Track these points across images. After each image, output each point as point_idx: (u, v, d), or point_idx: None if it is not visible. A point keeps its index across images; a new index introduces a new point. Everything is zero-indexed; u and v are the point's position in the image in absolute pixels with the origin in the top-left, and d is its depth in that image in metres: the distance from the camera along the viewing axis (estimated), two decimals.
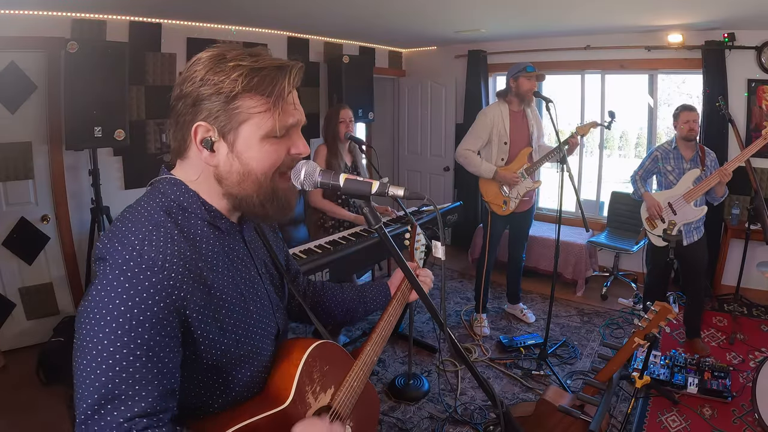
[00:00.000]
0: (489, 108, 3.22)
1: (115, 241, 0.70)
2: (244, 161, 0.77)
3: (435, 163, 5.31)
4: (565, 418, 1.80)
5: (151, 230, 0.71)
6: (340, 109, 2.92)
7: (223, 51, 0.76)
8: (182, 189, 0.79)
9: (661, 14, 3.33)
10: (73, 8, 2.92)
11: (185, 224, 0.77)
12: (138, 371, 0.64)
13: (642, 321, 1.72)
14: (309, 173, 0.83)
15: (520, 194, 3.18)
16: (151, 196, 0.78)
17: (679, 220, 2.86)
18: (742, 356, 2.97)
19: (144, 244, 0.69)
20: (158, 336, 0.66)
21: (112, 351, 0.63)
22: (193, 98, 0.74)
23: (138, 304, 0.65)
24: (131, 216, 0.74)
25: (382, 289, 1.20)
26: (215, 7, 3.13)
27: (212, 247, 0.79)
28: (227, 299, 0.78)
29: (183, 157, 0.80)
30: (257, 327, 0.84)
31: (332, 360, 0.93)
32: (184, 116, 0.76)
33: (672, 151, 2.93)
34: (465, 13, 3.49)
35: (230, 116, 0.74)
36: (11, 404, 2.53)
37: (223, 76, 0.73)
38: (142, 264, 0.67)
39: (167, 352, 0.67)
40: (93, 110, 2.73)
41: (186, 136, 0.77)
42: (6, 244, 2.93)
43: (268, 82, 0.74)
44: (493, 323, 3.54)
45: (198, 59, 0.76)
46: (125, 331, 0.64)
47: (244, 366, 0.81)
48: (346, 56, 4.25)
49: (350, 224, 2.94)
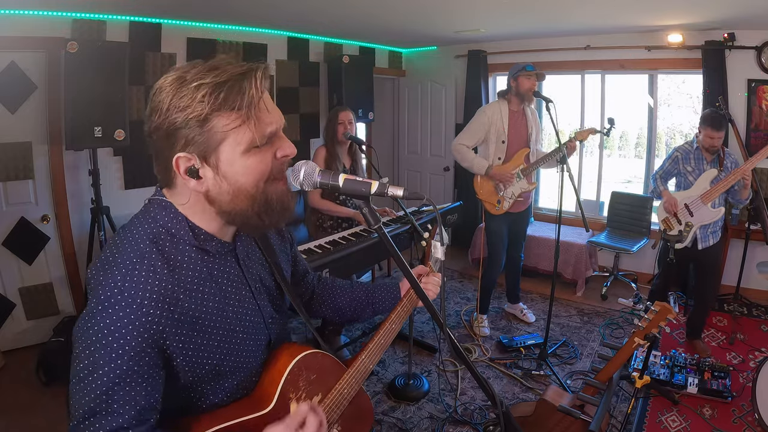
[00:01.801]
0: (488, 106, 3.21)
1: (101, 275, 0.73)
2: (232, 180, 0.76)
3: (435, 163, 5.30)
4: (565, 418, 1.80)
5: (135, 262, 0.73)
6: (340, 111, 2.94)
7: (182, 73, 0.73)
8: (171, 214, 0.79)
9: (661, 14, 3.33)
10: (73, 8, 2.92)
11: (171, 251, 0.78)
12: (119, 392, 0.69)
13: (642, 321, 1.72)
14: (308, 173, 0.83)
15: (515, 195, 3.17)
16: (142, 220, 0.79)
17: (696, 222, 2.79)
18: (742, 356, 2.97)
19: (126, 280, 0.72)
20: (137, 366, 0.70)
21: (96, 376, 0.69)
22: (165, 130, 0.73)
23: (117, 338, 0.69)
24: (120, 243, 0.77)
25: (392, 290, 1.18)
26: (215, 7, 3.13)
27: (198, 273, 0.80)
28: (209, 323, 0.80)
29: (171, 186, 0.80)
30: (243, 344, 0.85)
31: (321, 369, 0.93)
32: (162, 150, 0.75)
33: (693, 152, 2.85)
34: (465, 13, 3.49)
35: (207, 139, 0.73)
36: (11, 404, 2.53)
37: (189, 100, 0.71)
38: (122, 302, 0.70)
39: (146, 378, 0.72)
40: (93, 110, 2.73)
41: (168, 168, 0.76)
42: (6, 244, 2.93)
43: (234, 94, 0.72)
44: (493, 323, 3.54)
45: (160, 88, 0.74)
46: (107, 361, 0.69)
47: (229, 378, 0.84)
48: (346, 56, 4.25)
49: (349, 225, 2.94)
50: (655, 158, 4.34)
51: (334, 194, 2.89)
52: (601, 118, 4.39)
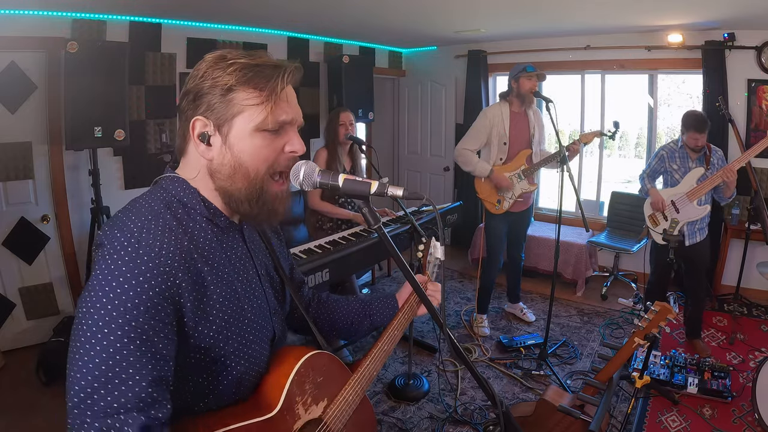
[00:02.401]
0: (489, 108, 3.22)
1: (114, 229, 0.71)
2: (236, 153, 0.78)
3: (435, 163, 5.30)
4: (565, 418, 1.80)
5: (150, 219, 0.73)
6: (340, 112, 2.95)
7: (226, 52, 0.80)
8: (183, 186, 0.81)
9: (661, 14, 3.33)
10: (73, 8, 2.92)
11: (184, 218, 0.78)
12: (131, 354, 0.64)
13: (642, 321, 1.71)
14: (308, 173, 0.82)
15: (515, 195, 3.18)
16: (153, 191, 0.80)
17: (682, 219, 2.84)
18: (742, 356, 2.97)
19: (142, 231, 0.71)
20: (152, 320, 0.66)
21: (107, 332, 0.64)
22: (194, 93, 0.78)
23: (134, 287, 0.66)
24: (132, 207, 0.77)
25: (389, 302, 1.16)
26: (215, 7, 3.13)
27: (210, 243, 0.80)
28: (220, 293, 0.78)
29: (184, 153, 0.83)
30: (250, 326, 0.83)
31: (327, 372, 0.90)
32: (186, 112, 0.79)
33: (678, 150, 2.90)
34: (465, 13, 3.49)
35: (225, 108, 0.77)
36: (11, 404, 2.53)
37: (221, 72, 0.77)
38: (140, 249, 0.68)
39: (161, 338, 0.68)
40: (93, 110, 2.73)
41: (186, 131, 0.80)
42: (6, 244, 2.93)
43: (262, 76, 0.77)
44: (493, 323, 3.54)
45: (203, 59, 0.81)
46: (120, 313, 0.64)
47: (231, 365, 0.79)
48: (346, 56, 4.25)
49: (348, 226, 2.94)
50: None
51: (334, 196, 2.90)
52: (601, 118, 4.40)
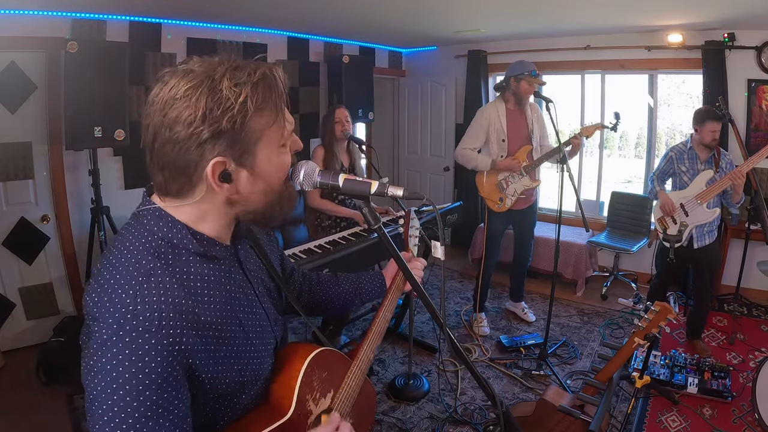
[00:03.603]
0: (486, 107, 3.23)
1: (105, 298, 0.65)
2: (267, 178, 0.75)
3: (435, 163, 5.30)
4: (565, 418, 1.80)
5: (141, 282, 0.66)
6: (335, 108, 2.94)
7: (209, 72, 0.67)
8: (169, 223, 0.73)
9: (661, 14, 3.33)
10: (73, 8, 2.92)
11: (177, 264, 0.72)
12: (152, 430, 0.62)
13: (642, 321, 1.72)
14: (308, 173, 0.82)
15: (518, 192, 3.17)
16: (136, 235, 0.72)
17: (691, 222, 2.82)
18: (742, 356, 2.97)
19: (137, 302, 0.64)
20: (166, 393, 0.64)
21: (124, 417, 0.61)
22: (198, 138, 0.66)
23: (141, 368, 0.62)
24: (118, 264, 0.69)
25: (377, 278, 1.20)
26: (215, 7, 3.13)
27: (207, 283, 0.75)
28: (227, 333, 0.76)
29: (183, 196, 0.73)
30: (258, 351, 0.83)
31: (331, 366, 0.93)
32: (185, 159, 0.68)
33: (687, 152, 2.88)
34: (465, 13, 3.49)
35: (245, 141, 0.70)
36: (11, 404, 2.52)
37: (231, 102, 0.66)
38: (138, 326, 0.63)
39: (176, 404, 0.65)
40: (93, 110, 2.73)
41: (193, 178, 0.70)
42: (6, 244, 2.93)
43: (268, 93, 0.70)
44: (493, 323, 3.54)
45: (174, 97, 0.66)
46: (133, 397, 0.61)
47: (246, 389, 0.80)
48: (346, 56, 4.25)
49: (347, 224, 2.94)
50: (655, 158, 4.33)
51: (333, 194, 2.90)
52: (601, 118, 4.39)
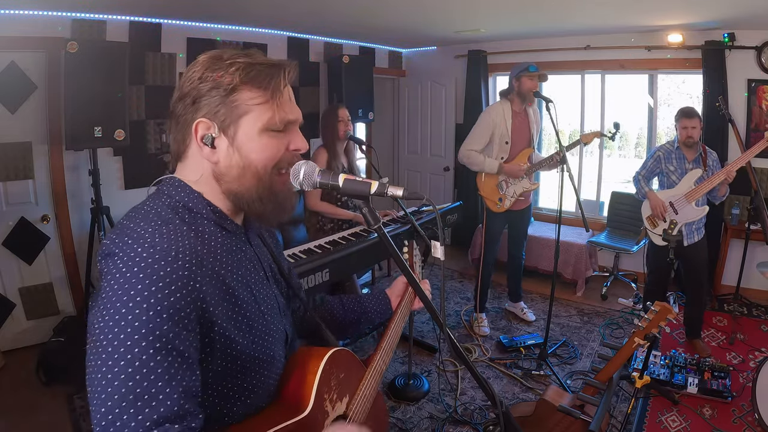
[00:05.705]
0: (492, 107, 3.22)
1: (125, 236, 0.67)
2: (244, 153, 0.77)
3: (435, 163, 5.30)
4: (565, 418, 1.80)
5: (160, 224, 0.70)
6: (338, 108, 2.91)
7: (220, 52, 0.78)
8: (186, 190, 0.78)
9: (661, 14, 3.33)
10: (73, 8, 2.92)
11: (194, 223, 0.76)
12: (159, 365, 0.60)
13: (642, 321, 1.72)
14: (308, 173, 0.82)
15: (517, 193, 3.19)
16: (156, 198, 0.77)
17: (681, 220, 2.85)
18: (742, 356, 2.97)
19: (155, 237, 0.67)
20: (177, 328, 0.62)
21: (130, 345, 0.59)
22: (193, 97, 0.75)
23: (154, 293, 0.61)
24: (138, 214, 0.73)
25: (382, 299, 1.20)
26: (215, 7, 3.13)
27: (222, 246, 0.78)
28: (241, 297, 0.76)
29: (183, 158, 0.80)
30: (270, 329, 0.82)
31: (347, 367, 0.92)
32: (184, 116, 0.77)
33: (674, 151, 2.92)
34: (465, 13, 3.49)
35: (230, 110, 0.75)
36: (11, 404, 2.52)
37: (221, 72, 0.75)
38: (156, 255, 0.64)
39: (187, 346, 0.64)
40: (93, 110, 2.73)
41: (186, 135, 0.77)
42: (6, 244, 2.93)
43: (264, 75, 0.76)
44: (493, 323, 3.54)
45: (196, 61, 0.78)
46: (142, 322, 0.60)
47: (258, 371, 0.79)
48: (346, 56, 4.25)
49: (350, 227, 2.94)
50: None
51: (334, 196, 2.89)
52: (601, 118, 4.40)
